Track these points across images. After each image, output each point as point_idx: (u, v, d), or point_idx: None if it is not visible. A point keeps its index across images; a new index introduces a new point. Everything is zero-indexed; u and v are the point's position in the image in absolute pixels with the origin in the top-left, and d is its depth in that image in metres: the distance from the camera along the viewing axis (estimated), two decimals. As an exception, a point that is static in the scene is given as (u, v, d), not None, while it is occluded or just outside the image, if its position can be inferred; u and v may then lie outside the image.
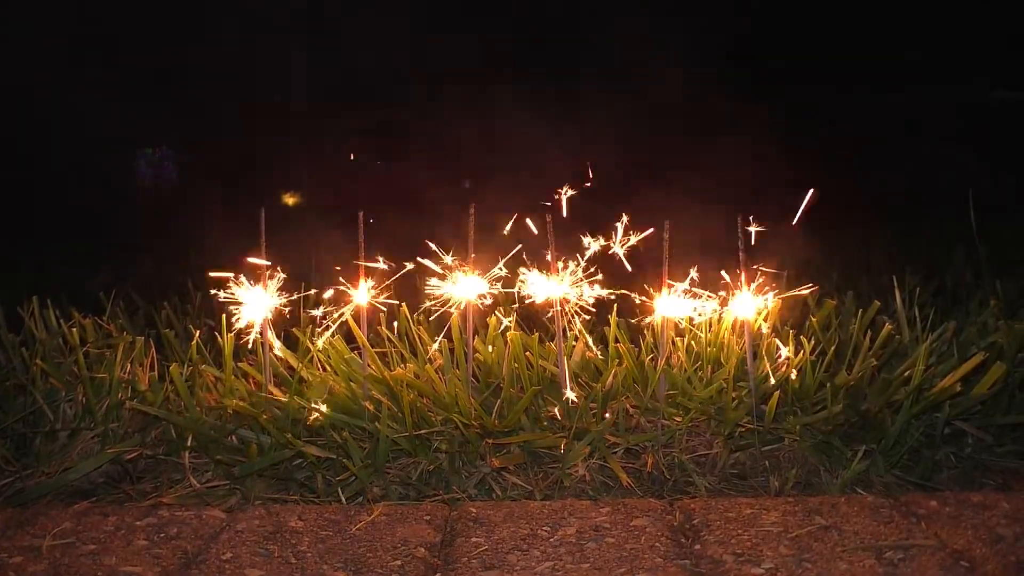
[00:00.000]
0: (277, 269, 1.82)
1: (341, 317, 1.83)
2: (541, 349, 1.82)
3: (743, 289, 1.80)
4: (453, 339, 1.82)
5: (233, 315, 1.78)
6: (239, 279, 1.80)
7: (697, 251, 1.88)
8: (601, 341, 1.94)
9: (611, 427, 1.69)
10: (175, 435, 1.68)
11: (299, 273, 2.00)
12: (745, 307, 1.78)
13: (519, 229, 1.92)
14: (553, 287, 1.81)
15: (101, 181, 6.52)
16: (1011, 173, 5.30)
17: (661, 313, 1.77)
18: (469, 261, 1.80)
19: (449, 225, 2.15)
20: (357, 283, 1.81)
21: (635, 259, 1.86)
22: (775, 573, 1.24)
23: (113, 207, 5.97)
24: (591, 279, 1.82)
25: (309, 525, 1.44)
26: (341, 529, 1.43)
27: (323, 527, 1.44)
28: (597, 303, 1.85)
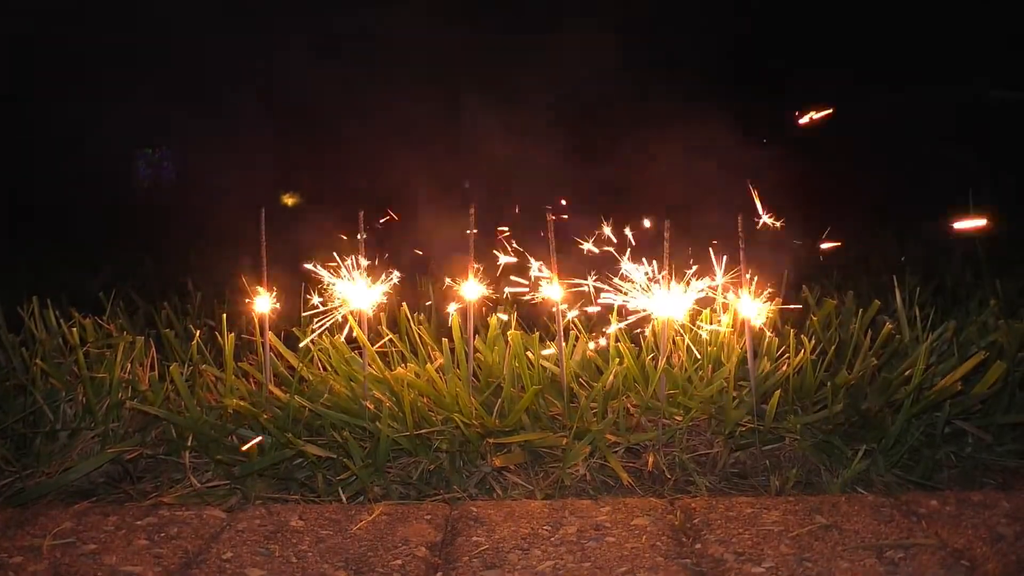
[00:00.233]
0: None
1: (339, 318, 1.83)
2: (541, 348, 1.82)
3: (743, 289, 1.80)
4: (454, 339, 1.82)
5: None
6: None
7: (696, 251, 1.88)
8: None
9: (612, 426, 1.69)
10: (175, 435, 1.68)
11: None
12: (745, 307, 1.78)
13: (519, 230, 1.93)
14: (554, 288, 1.81)
15: (101, 181, 6.51)
16: (1011, 173, 5.30)
17: (661, 313, 1.77)
18: (470, 264, 1.81)
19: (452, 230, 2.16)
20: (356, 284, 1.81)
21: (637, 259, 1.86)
22: (776, 572, 1.24)
23: (113, 207, 5.98)
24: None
25: (310, 524, 1.44)
26: (342, 528, 1.43)
27: (324, 526, 1.44)
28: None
